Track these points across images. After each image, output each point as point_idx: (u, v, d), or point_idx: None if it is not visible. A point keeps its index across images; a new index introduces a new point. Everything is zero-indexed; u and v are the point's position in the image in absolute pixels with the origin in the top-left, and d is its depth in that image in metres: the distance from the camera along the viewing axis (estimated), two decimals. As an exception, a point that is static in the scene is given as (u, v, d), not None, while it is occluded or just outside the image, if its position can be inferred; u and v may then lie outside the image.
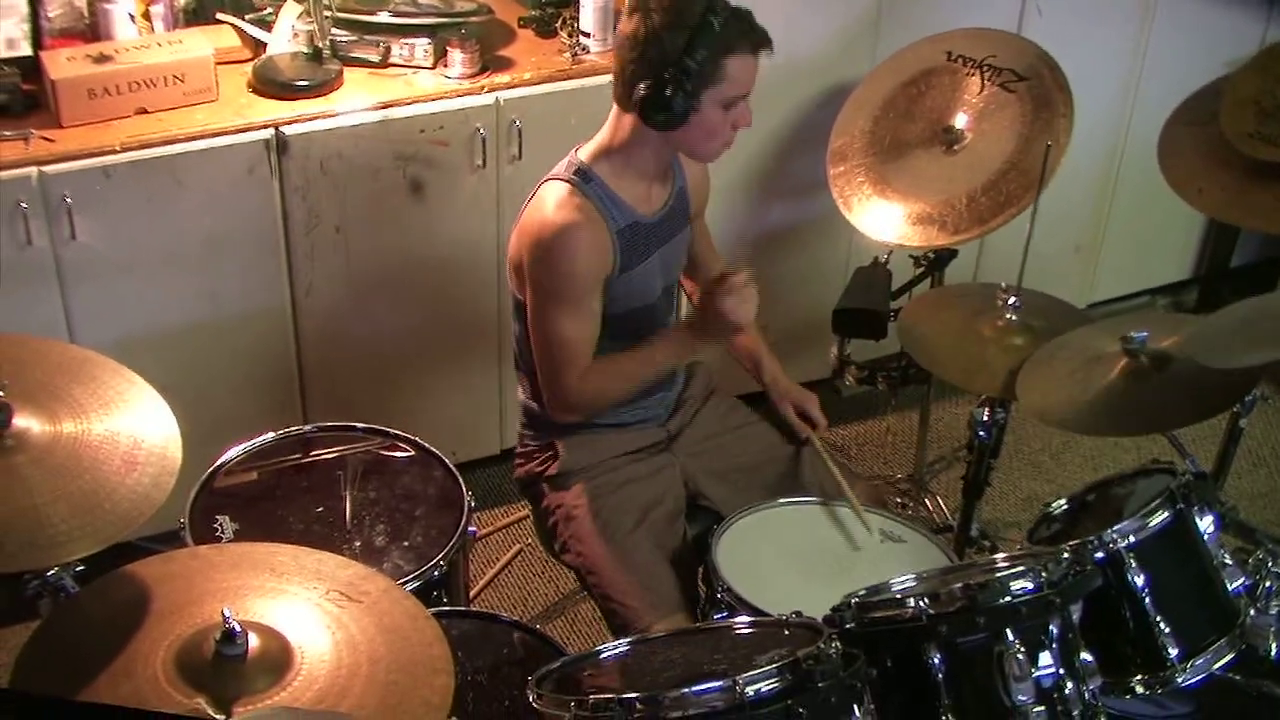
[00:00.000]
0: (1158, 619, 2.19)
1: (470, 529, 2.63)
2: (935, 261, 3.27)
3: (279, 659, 1.94)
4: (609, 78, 2.58)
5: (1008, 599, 1.98)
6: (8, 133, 2.86)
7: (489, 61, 3.25)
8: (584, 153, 2.59)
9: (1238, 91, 2.73)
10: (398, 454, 2.77)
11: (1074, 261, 4.13)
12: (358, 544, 2.57)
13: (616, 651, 2.13)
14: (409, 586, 2.41)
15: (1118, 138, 3.98)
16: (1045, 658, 1.97)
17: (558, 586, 3.45)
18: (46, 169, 2.83)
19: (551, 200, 2.53)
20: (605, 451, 2.72)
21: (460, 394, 3.51)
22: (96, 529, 2.03)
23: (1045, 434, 3.93)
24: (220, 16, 3.23)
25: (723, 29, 2.42)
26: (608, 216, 2.54)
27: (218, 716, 1.84)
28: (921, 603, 1.99)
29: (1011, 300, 2.78)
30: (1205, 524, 2.26)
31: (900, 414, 4.00)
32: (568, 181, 2.54)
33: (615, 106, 2.55)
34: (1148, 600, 2.19)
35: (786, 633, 2.04)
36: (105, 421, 2.16)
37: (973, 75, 3.17)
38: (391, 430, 2.80)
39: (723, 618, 2.37)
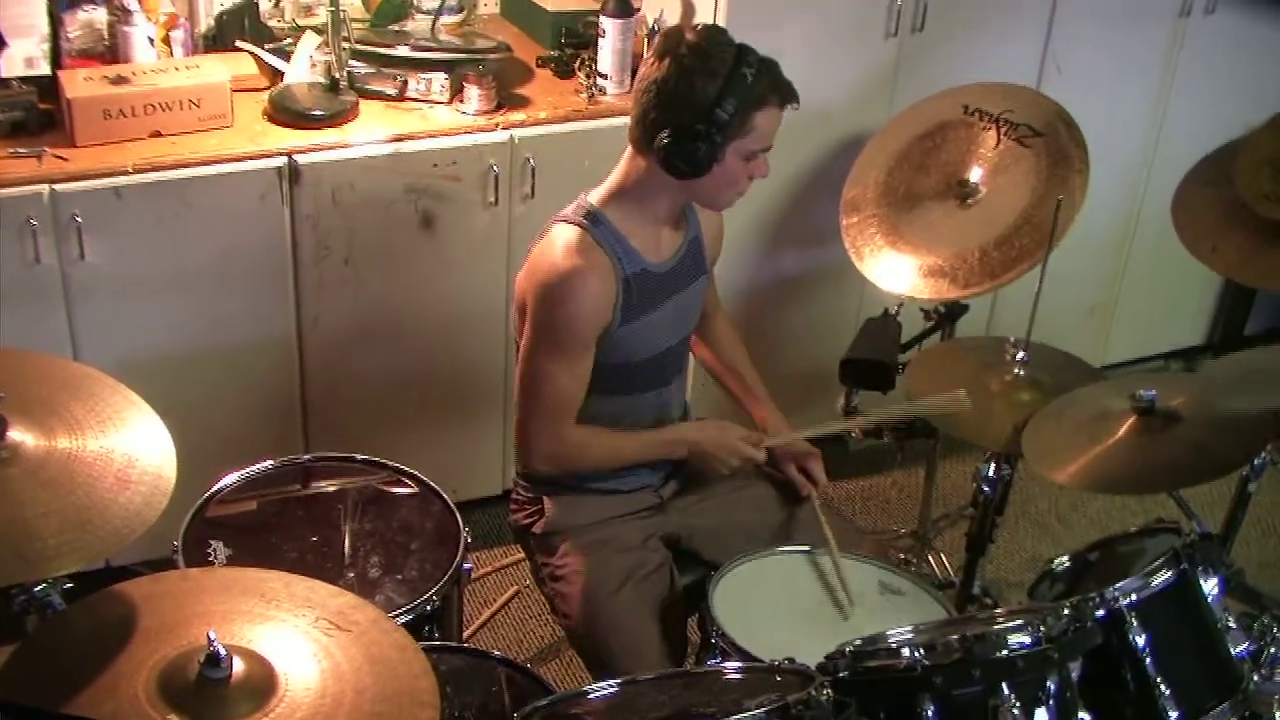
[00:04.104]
0: (1159, 680, 2.14)
1: (466, 566, 2.60)
2: (946, 315, 3.25)
3: (263, 685, 1.90)
4: (625, 119, 2.55)
5: (1005, 652, 1.95)
6: (21, 150, 2.87)
7: (505, 99, 3.25)
8: (594, 196, 2.55)
9: (1254, 152, 2.71)
10: (396, 487, 2.75)
11: (1088, 322, 4.11)
12: (351, 575, 2.54)
13: (605, 692, 2.10)
14: (401, 620, 2.38)
15: (1135, 199, 3.97)
16: (1041, 714, 1.94)
17: (554, 630, 3.41)
18: (58, 187, 2.84)
19: (560, 244, 2.49)
20: (593, 514, 2.68)
21: (463, 432, 3.49)
22: (86, 545, 2.00)
23: (1052, 495, 3.90)
24: (239, 44, 3.24)
25: (754, 81, 2.38)
26: (616, 262, 2.50)
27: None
28: (917, 653, 1.96)
29: (1020, 355, 2.76)
30: (1210, 585, 2.22)
31: (906, 470, 3.97)
32: (577, 224, 2.50)
33: (630, 149, 2.51)
34: (1149, 661, 2.14)
35: (777, 678, 2.01)
36: (101, 439, 2.14)
37: (989, 129, 3.16)
38: (391, 463, 2.78)
39: (715, 663, 2.33)
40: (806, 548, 2.65)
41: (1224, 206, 2.72)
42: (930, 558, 3.57)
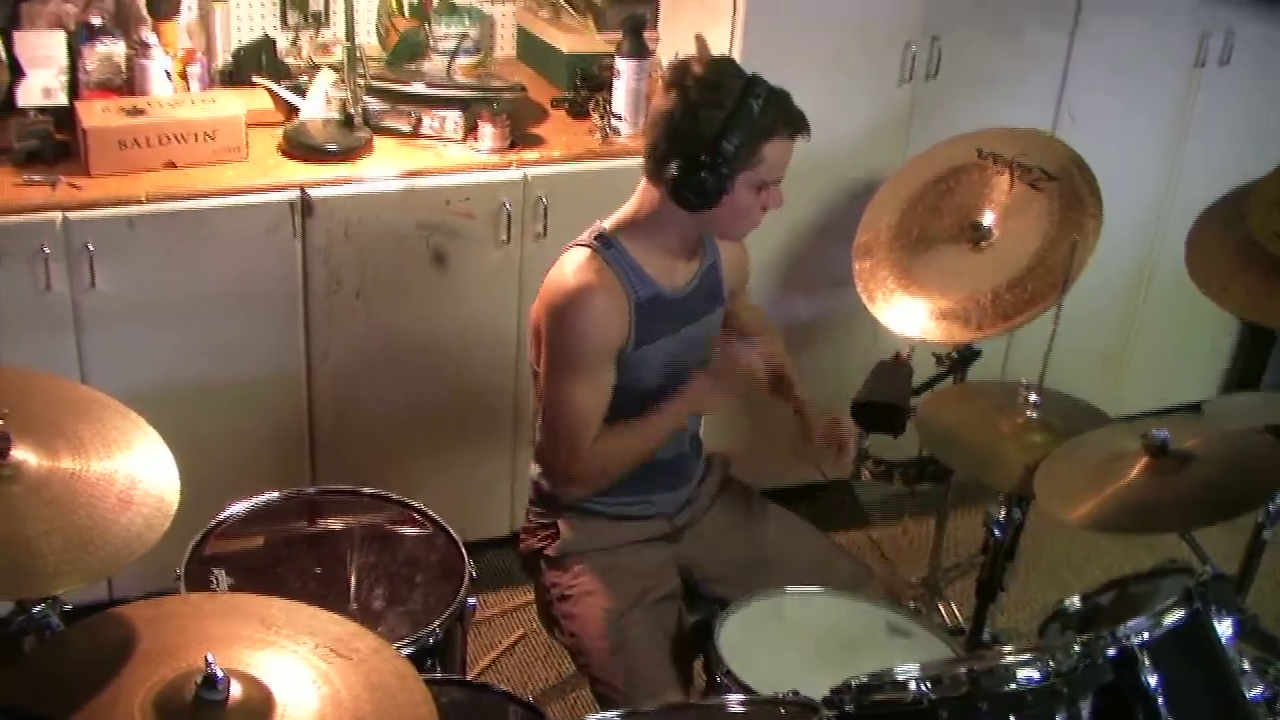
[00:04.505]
0: (1172, 722, 2.11)
1: (470, 601, 2.58)
2: (958, 361, 3.23)
3: (260, 709, 1.89)
4: (638, 160, 2.55)
5: (1013, 686, 1.92)
6: (36, 177, 2.88)
7: (519, 138, 3.27)
8: (609, 222, 2.56)
9: (1265, 193, 2.71)
10: (402, 520, 2.73)
11: (1100, 372, 4.08)
12: (354, 606, 2.52)
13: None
14: (403, 652, 2.35)
15: (1149, 248, 3.96)
16: (1051, 750, 1.90)
17: (559, 672, 3.38)
18: (71, 215, 2.85)
19: (571, 265, 2.50)
20: (607, 539, 2.66)
21: (471, 472, 3.47)
22: (87, 564, 2.00)
23: (1065, 545, 3.87)
24: (256, 80, 3.27)
25: (761, 113, 2.38)
26: (628, 285, 2.50)
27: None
28: (923, 686, 1.93)
29: (1033, 398, 2.74)
30: (1224, 627, 2.18)
31: (917, 519, 3.94)
32: (589, 247, 2.51)
33: (644, 179, 2.52)
34: (1161, 701, 2.09)
35: (782, 711, 1.98)
36: (105, 460, 2.14)
37: (1002, 173, 3.15)
38: (396, 496, 2.76)
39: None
40: (817, 588, 2.63)
41: (1236, 246, 2.71)
42: (940, 606, 3.53)
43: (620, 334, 2.51)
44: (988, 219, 3.14)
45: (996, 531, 2.85)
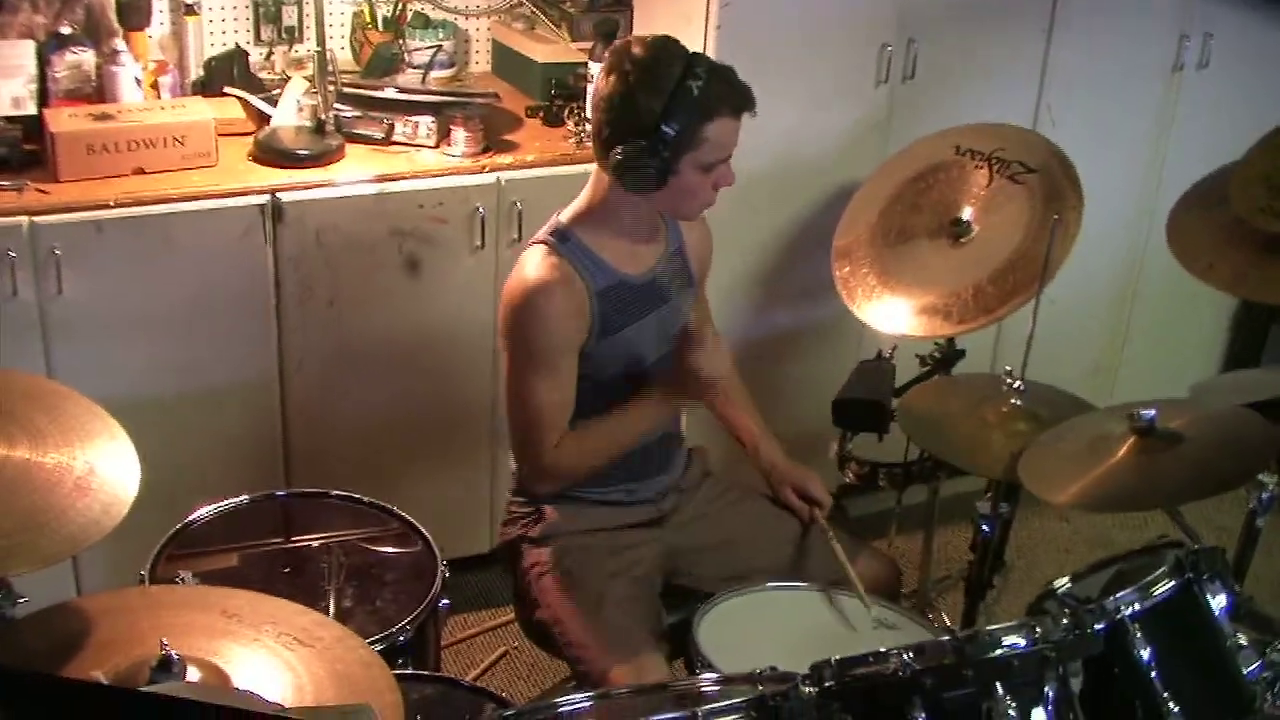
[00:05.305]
0: (1166, 697, 2.04)
1: (444, 601, 2.53)
2: (941, 362, 3.18)
3: (216, 694, 1.83)
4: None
5: (999, 651, 1.85)
6: (3, 182, 2.84)
7: (493, 143, 3.23)
8: (565, 215, 2.54)
9: (1248, 170, 2.68)
10: (374, 522, 2.69)
11: (1090, 383, 4.03)
12: (323, 604, 2.47)
13: (576, 705, 1.99)
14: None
15: (1135, 250, 3.91)
16: (1039, 715, 1.83)
17: (541, 689, 3.30)
18: (38, 219, 2.80)
19: (529, 262, 2.47)
20: (591, 522, 2.62)
21: (449, 484, 3.41)
22: (40, 547, 1.94)
23: (1058, 559, 3.80)
24: (228, 90, 3.24)
25: (701, 93, 2.34)
26: (587, 276, 2.47)
27: None
28: (905, 655, 1.86)
29: (1017, 385, 2.69)
30: (1217, 600, 2.12)
31: (905, 535, 3.86)
32: (545, 243, 2.49)
33: (596, 165, 2.50)
34: (1155, 675, 2.04)
35: (760, 687, 1.91)
36: (63, 447, 2.09)
37: (981, 168, 3.12)
38: (367, 499, 2.72)
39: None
40: (798, 584, 2.58)
41: (1219, 224, 2.68)
42: (930, 617, 3.45)
43: (581, 327, 2.47)
44: (967, 214, 3.10)
45: (984, 527, 2.79)
